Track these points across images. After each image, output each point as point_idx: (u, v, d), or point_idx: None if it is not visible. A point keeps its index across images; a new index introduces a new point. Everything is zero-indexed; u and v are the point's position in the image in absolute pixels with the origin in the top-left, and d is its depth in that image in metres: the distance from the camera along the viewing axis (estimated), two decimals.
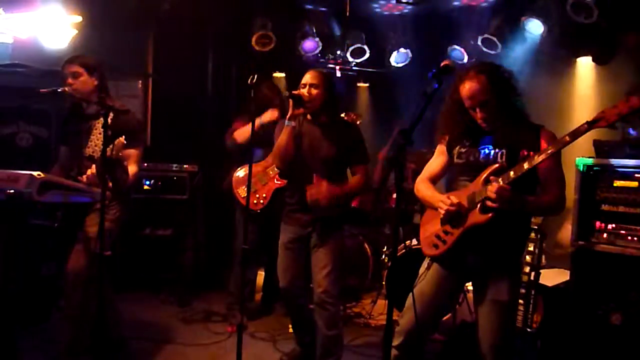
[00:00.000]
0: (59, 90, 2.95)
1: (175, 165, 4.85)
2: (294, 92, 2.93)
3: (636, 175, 3.01)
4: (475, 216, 2.23)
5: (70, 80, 2.98)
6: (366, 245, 4.66)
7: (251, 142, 2.78)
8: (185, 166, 4.86)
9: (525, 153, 2.21)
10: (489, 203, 2.15)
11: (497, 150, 2.30)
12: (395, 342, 2.41)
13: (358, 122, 4.02)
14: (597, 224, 3.10)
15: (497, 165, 2.25)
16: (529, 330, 3.09)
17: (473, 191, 2.26)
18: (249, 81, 2.60)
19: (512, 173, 2.15)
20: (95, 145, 3.00)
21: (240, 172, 4.03)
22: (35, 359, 3.14)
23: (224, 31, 5.51)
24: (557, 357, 3.20)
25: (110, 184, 2.67)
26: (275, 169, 3.79)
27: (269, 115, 3.96)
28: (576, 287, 3.14)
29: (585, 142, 3.13)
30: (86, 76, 2.98)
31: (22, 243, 3.67)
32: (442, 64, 2.09)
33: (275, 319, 4.19)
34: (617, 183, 3.06)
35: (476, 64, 2.39)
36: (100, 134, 2.95)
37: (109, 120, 2.90)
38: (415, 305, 2.30)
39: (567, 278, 3.31)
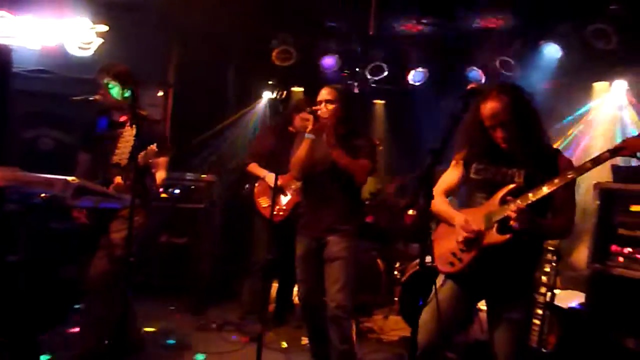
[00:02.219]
0: (90, 98, 3.04)
1: (192, 174, 4.93)
2: (313, 107, 3.04)
3: None
4: (492, 236, 2.25)
5: (102, 90, 3.06)
6: (379, 261, 4.69)
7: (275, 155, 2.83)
8: (202, 176, 4.94)
9: (543, 176, 2.21)
10: (512, 222, 2.17)
11: (514, 170, 2.32)
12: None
13: (380, 148, 4.07)
14: (613, 247, 3.13)
15: (514, 184, 2.27)
16: (544, 350, 3.11)
17: (489, 210, 2.28)
18: (278, 96, 2.67)
19: (531, 195, 2.17)
20: (122, 153, 3.06)
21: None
22: None
23: (245, 45, 5.61)
24: None
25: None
26: (298, 183, 3.85)
27: None
28: (591, 310, 3.17)
29: (602, 166, 3.18)
30: (118, 86, 3.07)
31: (43, 245, 3.76)
32: (469, 87, 2.15)
33: (288, 331, 4.21)
34: (634, 207, 3.09)
35: (499, 84, 2.40)
36: (127, 142, 3.03)
37: (140, 129, 2.99)
38: (429, 322, 2.33)
39: (582, 300, 3.33)
